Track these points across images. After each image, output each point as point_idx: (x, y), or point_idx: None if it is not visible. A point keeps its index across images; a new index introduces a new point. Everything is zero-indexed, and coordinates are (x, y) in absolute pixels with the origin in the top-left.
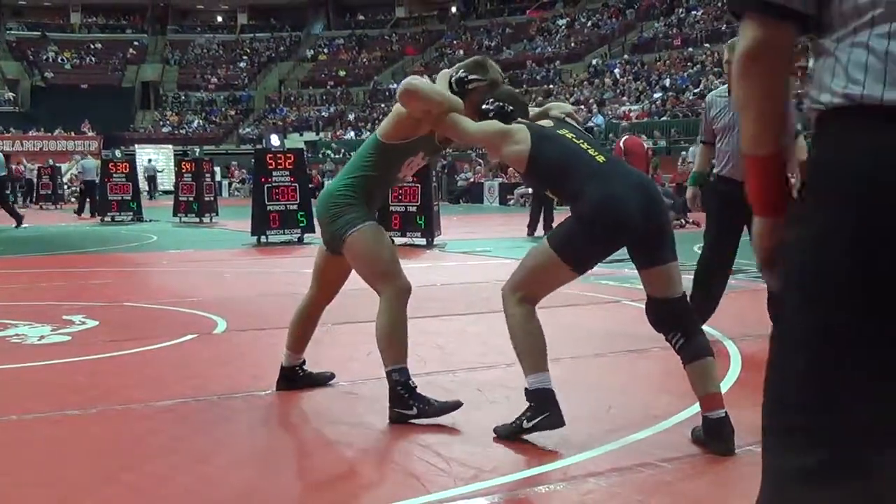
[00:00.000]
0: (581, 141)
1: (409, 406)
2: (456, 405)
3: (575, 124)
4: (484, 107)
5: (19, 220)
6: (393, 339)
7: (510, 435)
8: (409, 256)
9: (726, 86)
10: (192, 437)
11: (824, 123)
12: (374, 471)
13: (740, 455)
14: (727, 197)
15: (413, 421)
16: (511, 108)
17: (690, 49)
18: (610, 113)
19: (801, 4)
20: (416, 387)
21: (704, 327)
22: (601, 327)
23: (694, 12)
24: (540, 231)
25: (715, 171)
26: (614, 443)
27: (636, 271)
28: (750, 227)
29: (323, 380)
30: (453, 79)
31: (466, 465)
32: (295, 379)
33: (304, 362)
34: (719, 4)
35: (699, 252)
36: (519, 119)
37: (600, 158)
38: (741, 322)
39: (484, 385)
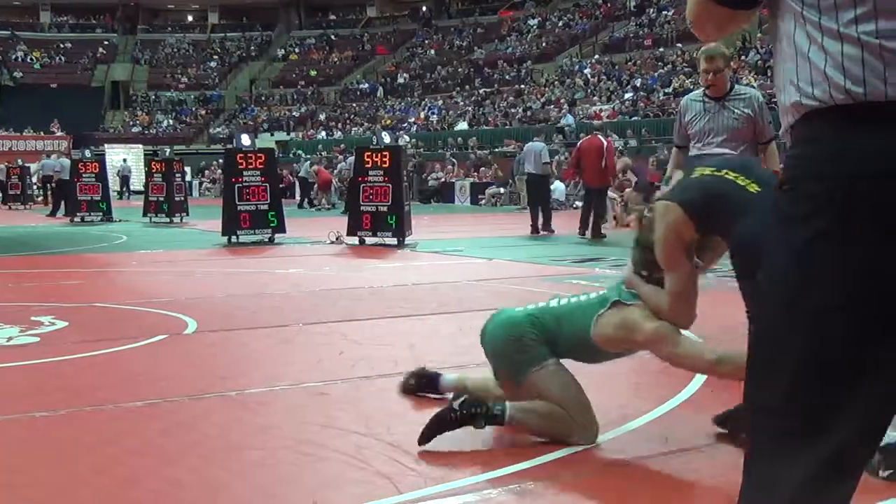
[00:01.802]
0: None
1: None
2: None
3: None
4: None
5: None
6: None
7: None
8: (380, 256)
9: (701, 90)
10: (162, 438)
11: (812, 121)
12: (345, 471)
13: (711, 452)
14: None
15: (381, 421)
16: None
17: (661, 49)
18: (581, 113)
19: None
20: None
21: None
22: None
23: (665, 12)
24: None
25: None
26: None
27: (608, 271)
28: None
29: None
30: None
31: (437, 465)
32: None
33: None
34: None
35: None
36: None
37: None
38: (711, 322)
39: None
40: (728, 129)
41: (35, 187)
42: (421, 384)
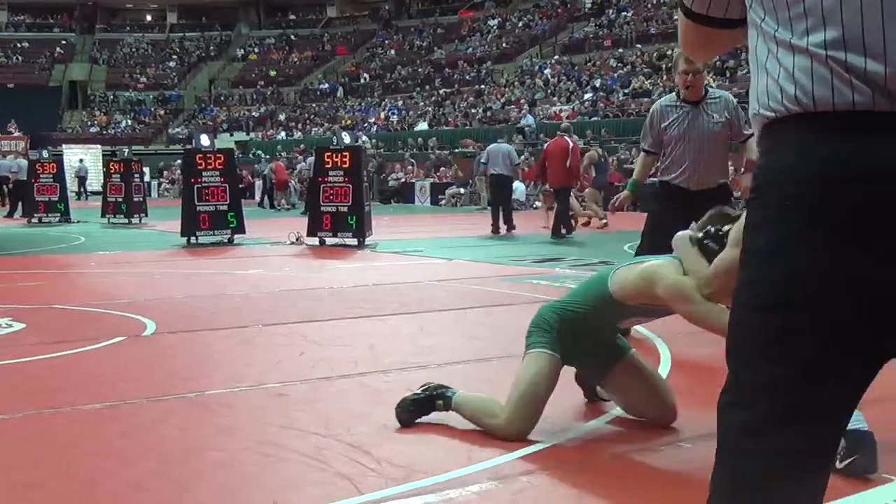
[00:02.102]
0: None
1: None
2: None
3: None
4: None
5: None
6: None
7: None
8: (340, 256)
9: (672, 95)
10: (122, 440)
11: (772, 131)
12: (306, 472)
13: (669, 452)
14: (669, 196)
15: (341, 421)
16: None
17: (621, 50)
18: (541, 113)
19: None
20: None
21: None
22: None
23: (624, 13)
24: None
25: (660, 177)
26: (546, 442)
27: (567, 271)
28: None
29: None
30: (706, 241)
31: (397, 465)
32: None
33: None
34: (649, 6)
35: (630, 251)
36: None
37: None
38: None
39: (415, 385)
40: (708, 133)
41: None
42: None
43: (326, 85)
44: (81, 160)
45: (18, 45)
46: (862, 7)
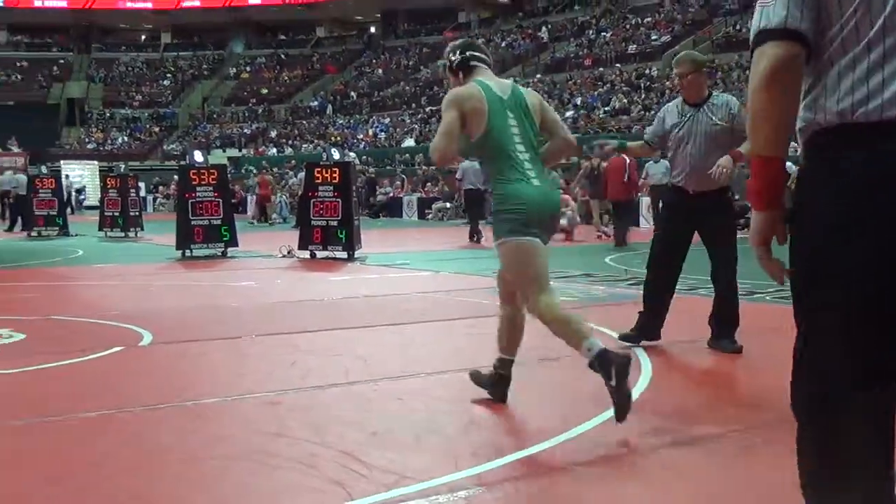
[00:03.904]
0: None
1: None
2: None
3: None
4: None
5: None
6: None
7: None
8: (331, 269)
9: (680, 98)
10: (119, 449)
11: (820, 140)
12: (297, 478)
13: (657, 458)
14: (671, 202)
15: (333, 429)
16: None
17: (601, 69)
18: None
19: (809, 30)
20: None
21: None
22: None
23: (604, 34)
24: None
25: (671, 180)
26: (532, 448)
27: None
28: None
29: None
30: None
31: (387, 472)
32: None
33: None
34: (627, 27)
35: (612, 264)
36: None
37: None
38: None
39: (405, 394)
40: (705, 135)
41: None
42: None
43: (316, 102)
44: (67, 176)
45: (18, 64)
46: None
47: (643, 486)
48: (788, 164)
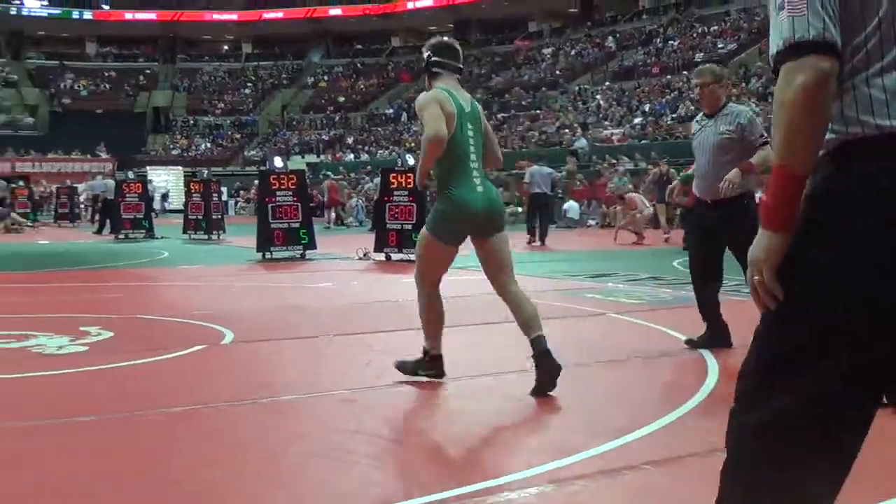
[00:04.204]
0: None
1: None
2: None
3: None
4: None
5: None
6: None
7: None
8: (406, 271)
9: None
10: (200, 444)
11: (843, 152)
12: (374, 474)
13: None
14: (697, 225)
15: (410, 426)
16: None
17: (668, 77)
18: (593, 136)
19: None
20: None
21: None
22: (585, 338)
23: (671, 42)
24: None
25: (694, 191)
26: (602, 447)
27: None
28: (731, 246)
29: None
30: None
31: (460, 468)
32: None
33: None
34: (694, 35)
35: (679, 267)
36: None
37: None
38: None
39: (477, 392)
40: (713, 144)
41: (83, 206)
42: None
43: (391, 110)
44: (150, 181)
45: (106, 74)
46: None
47: (714, 486)
48: None
